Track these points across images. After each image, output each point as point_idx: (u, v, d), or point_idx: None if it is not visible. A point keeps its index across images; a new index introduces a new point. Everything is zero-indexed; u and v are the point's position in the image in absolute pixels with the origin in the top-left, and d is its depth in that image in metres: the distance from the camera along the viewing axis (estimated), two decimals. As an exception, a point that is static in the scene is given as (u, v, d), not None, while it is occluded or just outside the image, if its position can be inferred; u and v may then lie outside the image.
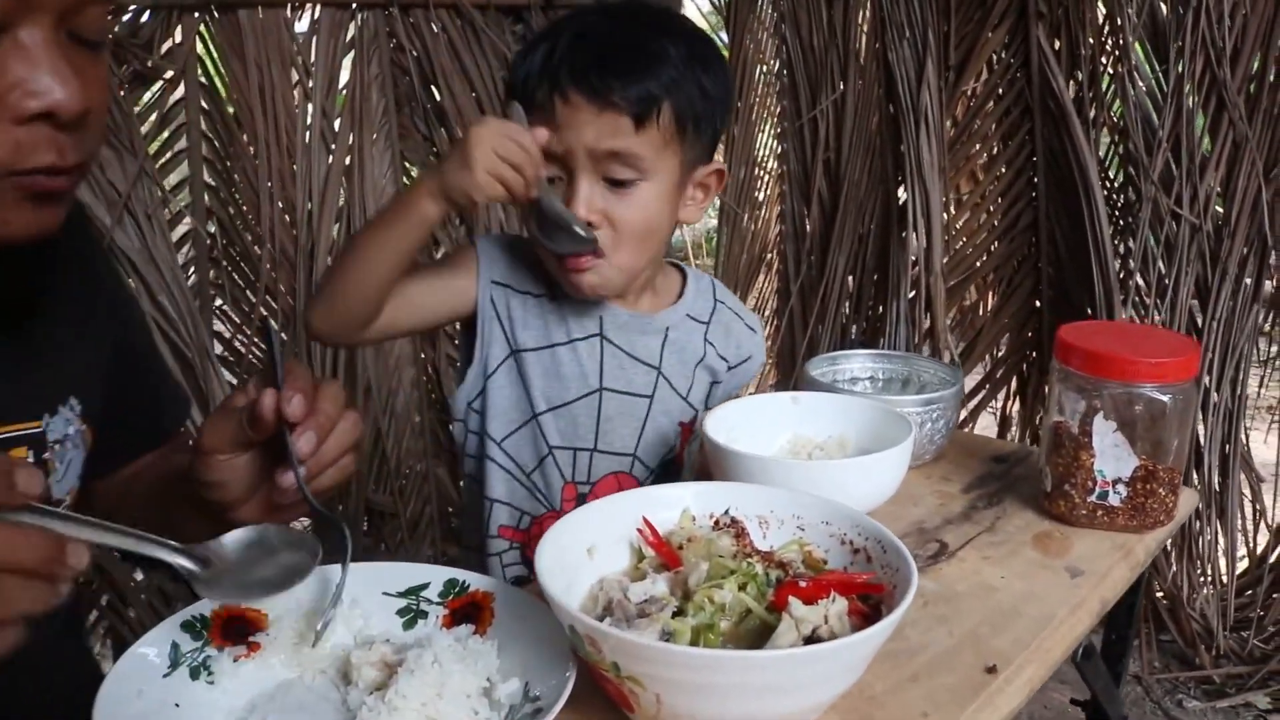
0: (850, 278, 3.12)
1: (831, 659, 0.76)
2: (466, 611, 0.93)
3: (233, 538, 0.83)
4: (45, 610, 0.63)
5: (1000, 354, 3.09)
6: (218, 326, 2.50)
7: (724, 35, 3.18)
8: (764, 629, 0.84)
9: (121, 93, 2.23)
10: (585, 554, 0.93)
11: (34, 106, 0.75)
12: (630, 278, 1.31)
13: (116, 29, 2.24)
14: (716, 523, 0.97)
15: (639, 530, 0.95)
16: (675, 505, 0.98)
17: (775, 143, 3.20)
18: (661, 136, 1.20)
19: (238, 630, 0.88)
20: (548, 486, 1.37)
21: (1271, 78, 2.44)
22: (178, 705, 0.80)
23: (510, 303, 1.32)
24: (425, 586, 0.95)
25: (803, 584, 0.85)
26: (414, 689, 0.77)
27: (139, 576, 2.35)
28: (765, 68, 3.13)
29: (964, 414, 3.08)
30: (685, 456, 1.44)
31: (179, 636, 0.85)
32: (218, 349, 2.45)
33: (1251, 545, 2.79)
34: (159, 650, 0.83)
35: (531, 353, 1.32)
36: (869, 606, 0.87)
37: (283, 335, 2.50)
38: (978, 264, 3.05)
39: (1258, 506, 2.74)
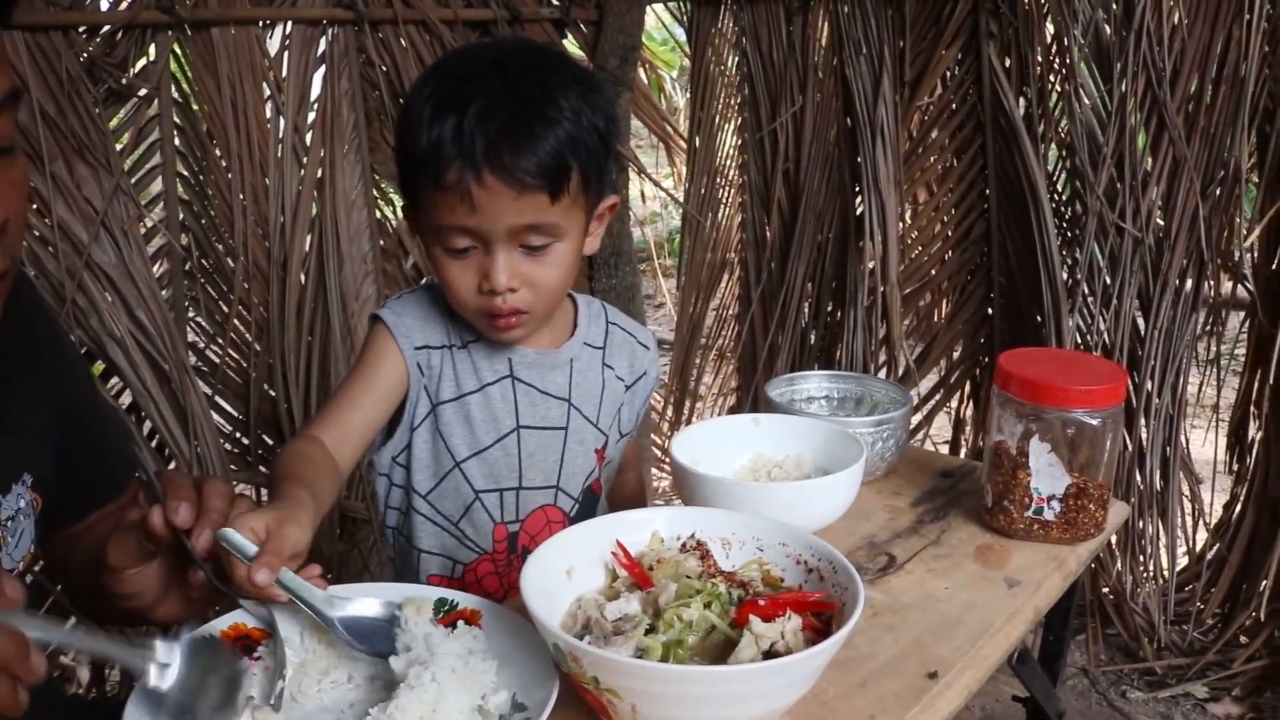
0: (809, 285, 3.21)
1: (787, 671, 0.85)
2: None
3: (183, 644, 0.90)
4: (9, 712, 0.69)
5: (954, 359, 3.20)
6: (191, 338, 2.55)
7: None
8: (727, 644, 0.93)
9: (97, 110, 2.27)
10: (564, 575, 1.01)
11: None
12: (548, 319, 1.37)
13: (92, 48, 2.28)
14: (684, 545, 1.06)
15: (613, 553, 1.04)
16: (645, 528, 1.07)
17: (736, 153, 3.28)
18: (571, 198, 1.23)
19: (245, 649, 0.95)
20: (476, 531, 1.40)
21: (1208, 99, 2.56)
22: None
23: (431, 360, 1.35)
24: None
25: (762, 603, 0.94)
26: (412, 704, 0.85)
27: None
28: (726, 80, 3.21)
29: (920, 416, 3.19)
30: (601, 482, 1.50)
31: (194, 655, 0.92)
32: (192, 360, 2.50)
33: (1191, 543, 2.92)
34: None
35: (448, 404, 1.35)
36: (821, 621, 0.96)
37: (149, 463, 2.53)
38: (932, 272, 3.15)
39: (1196, 506, 2.87)
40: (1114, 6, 2.63)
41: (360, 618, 0.97)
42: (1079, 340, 2.81)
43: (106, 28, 2.30)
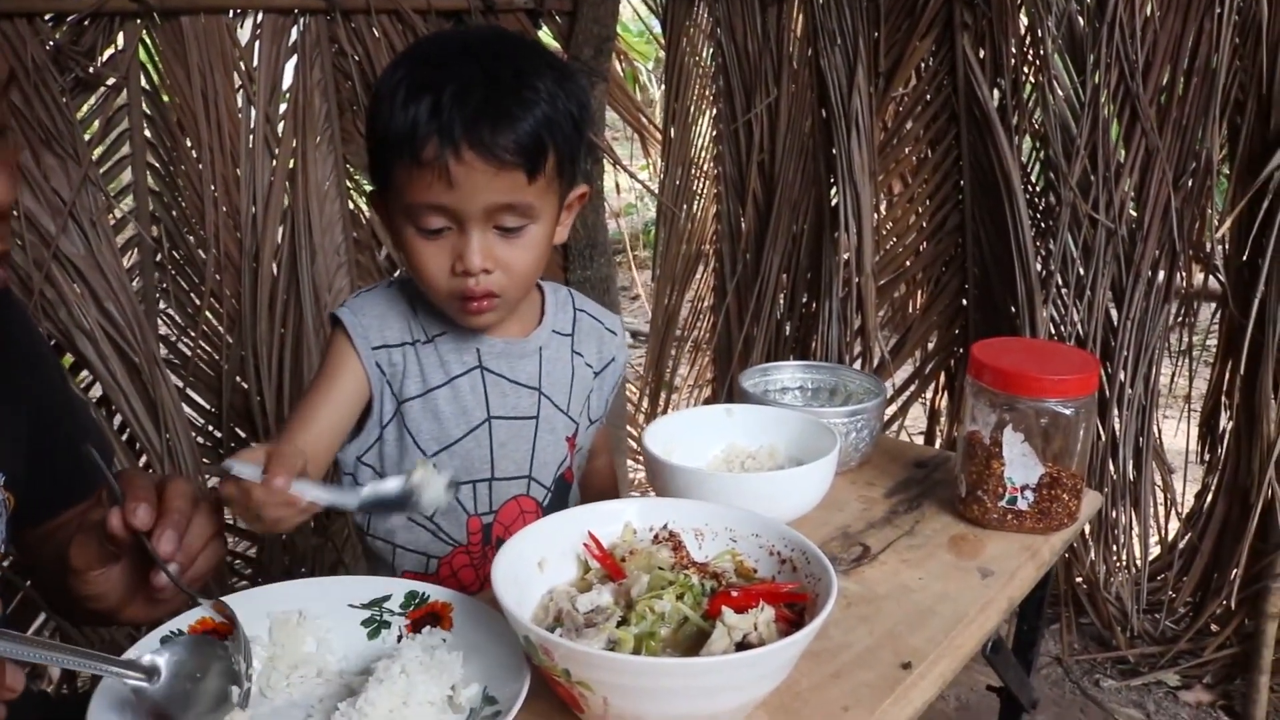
0: (784, 276, 3.21)
1: (760, 663, 0.85)
2: (427, 621, 1.00)
3: (172, 646, 0.88)
4: None
5: (929, 350, 3.21)
6: (163, 330, 2.52)
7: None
8: (700, 635, 0.92)
9: (64, 100, 2.24)
10: (536, 567, 1.00)
11: None
12: (517, 305, 1.36)
13: (59, 35, 2.25)
14: (656, 536, 1.05)
15: (585, 544, 1.03)
16: (617, 520, 1.06)
17: (711, 144, 3.27)
18: (546, 180, 1.23)
19: (211, 644, 0.94)
20: (450, 524, 1.39)
21: (1180, 91, 2.57)
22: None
23: (392, 358, 1.33)
24: (387, 598, 1.02)
25: (734, 594, 0.93)
26: (382, 697, 0.84)
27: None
28: (701, 71, 3.20)
29: (895, 408, 3.20)
30: (573, 470, 1.49)
31: (159, 650, 0.91)
32: (163, 352, 2.47)
33: (1163, 532, 2.94)
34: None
35: (414, 401, 1.34)
36: (794, 613, 0.95)
37: (103, 457, 2.49)
38: (907, 263, 3.15)
39: (1168, 496, 2.89)
40: (1087, -2, 2.65)
41: (378, 497, 1.01)
42: (1053, 331, 2.82)
43: (73, 15, 2.26)
